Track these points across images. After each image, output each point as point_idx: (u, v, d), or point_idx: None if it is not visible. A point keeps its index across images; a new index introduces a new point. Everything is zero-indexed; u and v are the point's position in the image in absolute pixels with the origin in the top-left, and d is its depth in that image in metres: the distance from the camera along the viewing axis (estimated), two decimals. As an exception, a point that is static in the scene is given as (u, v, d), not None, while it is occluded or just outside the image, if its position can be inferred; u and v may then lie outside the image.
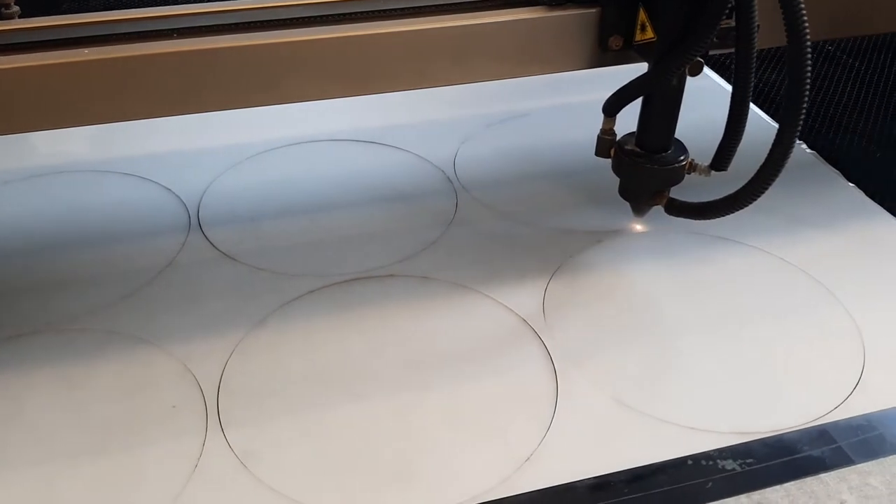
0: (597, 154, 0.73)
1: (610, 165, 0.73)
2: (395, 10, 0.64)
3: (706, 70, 0.96)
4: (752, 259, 0.76)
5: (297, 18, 0.61)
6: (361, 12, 0.63)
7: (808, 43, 0.58)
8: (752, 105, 0.99)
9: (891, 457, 0.59)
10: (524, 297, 0.71)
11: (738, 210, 0.67)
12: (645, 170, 0.70)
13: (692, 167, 0.70)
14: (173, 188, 0.83)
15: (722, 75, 1.05)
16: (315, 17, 0.62)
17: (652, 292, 0.73)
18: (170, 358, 0.65)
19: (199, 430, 0.59)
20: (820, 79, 1.07)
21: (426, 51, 0.64)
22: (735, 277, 0.74)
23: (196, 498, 0.55)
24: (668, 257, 0.76)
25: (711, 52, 0.64)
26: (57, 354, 0.65)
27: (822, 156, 0.90)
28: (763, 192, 0.65)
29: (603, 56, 0.68)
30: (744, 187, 0.65)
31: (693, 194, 0.71)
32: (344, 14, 0.63)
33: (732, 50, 0.63)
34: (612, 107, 0.70)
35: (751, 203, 0.66)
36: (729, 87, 0.67)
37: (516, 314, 0.70)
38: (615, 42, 0.67)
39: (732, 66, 0.64)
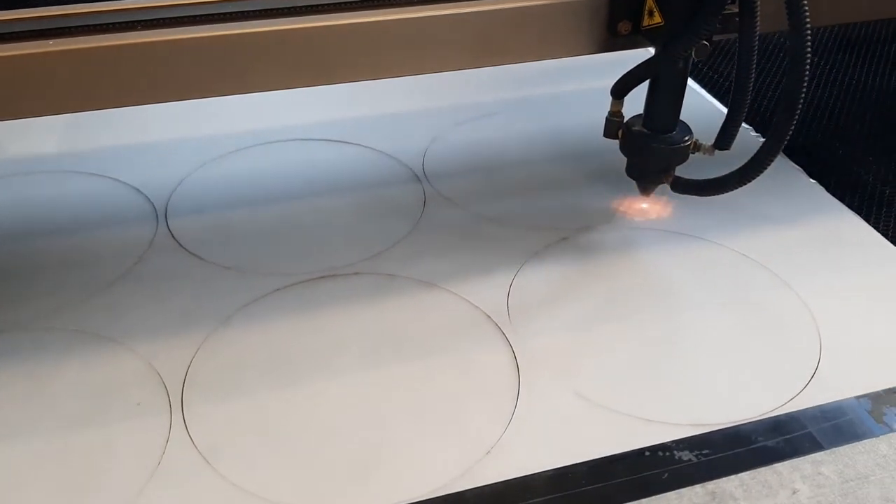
0: (605, 135, 0.77)
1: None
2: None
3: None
4: (712, 254, 0.77)
5: (260, 10, 0.62)
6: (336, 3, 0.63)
7: (809, 27, 0.62)
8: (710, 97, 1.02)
9: (843, 446, 0.60)
10: (489, 294, 0.72)
11: (741, 185, 0.71)
12: (652, 149, 0.74)
13: (696, 147, 0.74)
14: (142, 188, 0.84)
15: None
16: (280, 9, 0.62)
17: (614, 288, 0.74)
18: (135, 356, 0.65)
19: (163, 426, 0.60)
20: (781, 78, 1.08)
21: (429, 37, 0.66)
22: (695, 272, 0.76)
23: (158, 494, 0.55)
24: (631, 254, 0.77)
25: (716, 37, 0.67)
26: (23, 353, 0.66)
27: (784, 153, 0.92)
28: (766, 168, 0.68)
29: (612, 41, 0.70)
30: (744, 165, 0.69)
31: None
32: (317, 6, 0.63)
33: (735, 35, 0.67)
34: (620, 89, 0.73)
35: (754, 178, 0.70)
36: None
37: (481, 310, 0.71)
38: (624, 27, 0.69)
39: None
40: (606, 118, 0.76)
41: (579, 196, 0.85)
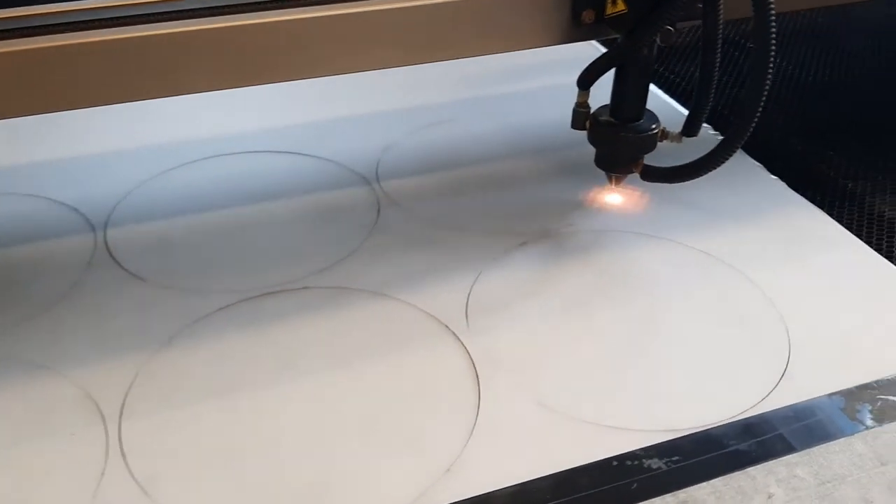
0: (573, 126, 0.76)
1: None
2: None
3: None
4: (675, 254, 0.75)
5: (193, 10, 0.59)
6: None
7: (773, 12, 0.62)
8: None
9: (818, 447, 0.57)
10: (446, 303, 0.69)
11: (714, 168, 0.70)
12: (620, 138, 0.73)
13: (664, 135, 0.74)
14: (79, 207, 0.80)
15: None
16: (209, 8, 0.59)
17: (575, 292, 0.71)
18: (70, 384, 0.61)
19: (99, 457, 0.56)
20: (743, 76, 1.07)
21: (382, 31, 0.63)
22: (658, 273, 0.73)
23: (92, 530, 0.51)
24: (591, 256, 0.75)
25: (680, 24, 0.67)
26: (-50, 384, 0.61)
27: (744, 150, 0.90)
28: (738, 146, 0.68)
29: (576, 31, 0.69)
30: (713, 150, 0.69)
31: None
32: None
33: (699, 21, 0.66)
34: (586, 80, 0.73)
35: (723, 163, 0.69)
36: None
37: (438, 320, 0.67)
38: (588, 16, 0.68)
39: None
40: (574, 109, 0.75)
41: (539, 200, 0.82)
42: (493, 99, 1.00)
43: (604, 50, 0.76)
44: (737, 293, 0.71)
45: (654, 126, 0.74)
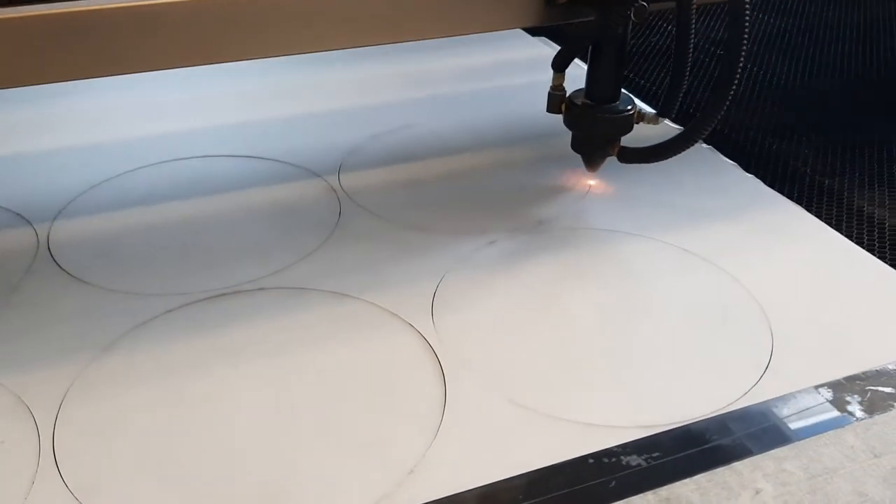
0: (548, 110, 0.74)
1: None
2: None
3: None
4: (651, 250, 0.72)
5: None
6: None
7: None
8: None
9: (807, 440, 0.54)
10: (412, 302, 0.65)
11: (691, 144, 0.70)
12: (597, 119, 0.72)
13: (640, 116, 0.73)
14: (23, 213, 0.75)
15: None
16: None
17: (547, 289, 0.67)
18: (3, 389, 0.56)
19: (30, 466, 0.51)
20: (714, 80, 1.06)
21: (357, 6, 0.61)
22: (634, 269, 0.70)
23: (16, 545, 0.46)
24: (564, 253, 0.71)
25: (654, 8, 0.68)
26: None
27: (718, 150, 0.88)
28: (708, 130, 0.68)
29: (550, 11, 0.68)
30: (690, 125, 0.69)
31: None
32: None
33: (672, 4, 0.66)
34: (561, 62, 0.72)
35: (695, 142, 0.69)
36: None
37: (402, 319, 0.63)
38: None
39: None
40: (549, 93, 0.74)
41: (507, 197, 0.79)
42: (456, 99, 0.97)
43: (557, 48, 0.75)
44: (717, 288, 0.68)
45: (630, 107, 0.73)
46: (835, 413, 0.56)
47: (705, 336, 0.63)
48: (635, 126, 0.74)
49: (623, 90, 0.74)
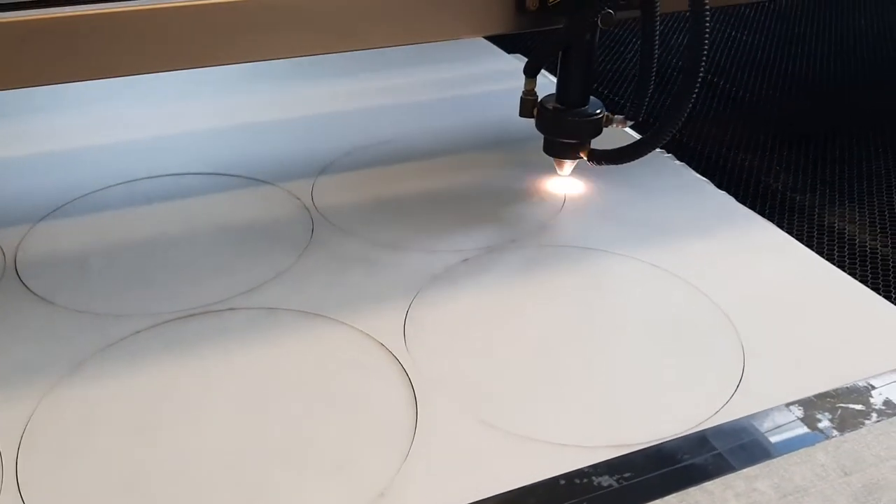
0: (521, 115, 0.77)
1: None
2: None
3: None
4: (623, 267, 0.72)
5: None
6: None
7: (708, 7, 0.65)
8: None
9: (778, 458, 0.54)
10: (383, 321, 0.65)
11: (657, 145, 0.72)
12: (568, 123, 0.75)
13: (609, 120, 0.76)
14: (-11, 233, 0.74)
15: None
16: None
17: (519, 307, 0.67)
18: (-37, 416, 0.55)
19: (-10, 494, 0.50)
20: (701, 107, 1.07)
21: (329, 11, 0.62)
22: (606, 286, 0.70)
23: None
24: (536, 271, 0.71)
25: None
26: None
27: (690, 166, 0.88)
28: (673, 130, 0.70)
29: (521, 19, 0.70)
30: (655, 128, 0.71)
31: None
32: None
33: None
34: (533, 67, 0.76)
35: (663, 141, 0.72)
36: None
37: (373, 339, 0.63)
38: (532, 3, 0.70)
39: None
40: (521, 97, 0.76)
41: (480, 215, 0.79)
42: (431, 115, 0.97)
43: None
44: (688, 305, 0.68)
45: (598, 111, 0.75)
46: (806, 431, 0.56)
47: (677, 353, 0.63)
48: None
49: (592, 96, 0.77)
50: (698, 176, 0.86)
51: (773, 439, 0.55)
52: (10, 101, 0.98)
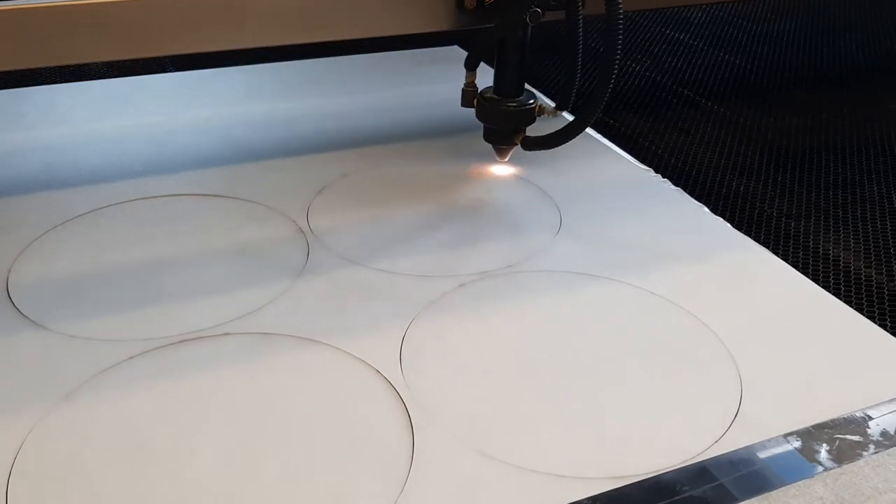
0: (462, 104, 0.86)
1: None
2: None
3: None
4: (619, 293, 0.72)
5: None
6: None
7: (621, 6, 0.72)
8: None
9: (776, 490, 0.54)
10: (379, 348, 0.64)
11: (582, 130, 0.79)
12: (504, 111, 0.83)
13: (541, 109, 0.85)
14: (-19, 254, 0.73)
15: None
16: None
17: (516, 335, 0.67)
18: (-47, 443, 0.55)
19: (-21, 526, 0.49)
20: (682, 122, 1.07)
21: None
22: (603, 313, 0.70)
23: None
24: (532, 298, 0.71)
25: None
26: None
27: (686, 191, 0.89)
28: (594, 117, 0.77)
29: (461, 16, 0.79)
30: (576, 117, 0.78)
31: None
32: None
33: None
34: (472, 61, 0.84)
35: (584, 128, 0.79)
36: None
37: (370, 366, 0.63)
38: (469, 2, 0.79)
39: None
40: (462, 89, 0.85)
41: (477, 240, 0.79)
42: (428, 138, 0.97)
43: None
44: (685, 333, 0.68)
45: (532, 101, 0.84)
46: (803, 462, 0.56)
47: (675, 382, 0.63)
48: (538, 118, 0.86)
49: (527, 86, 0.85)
50: (694, 201, 0.87)
51: (772, 471, 0.55)
52: (3, 123, 0.98)
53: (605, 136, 1.00)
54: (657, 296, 0.71)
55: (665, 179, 0.91)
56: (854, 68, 1.28)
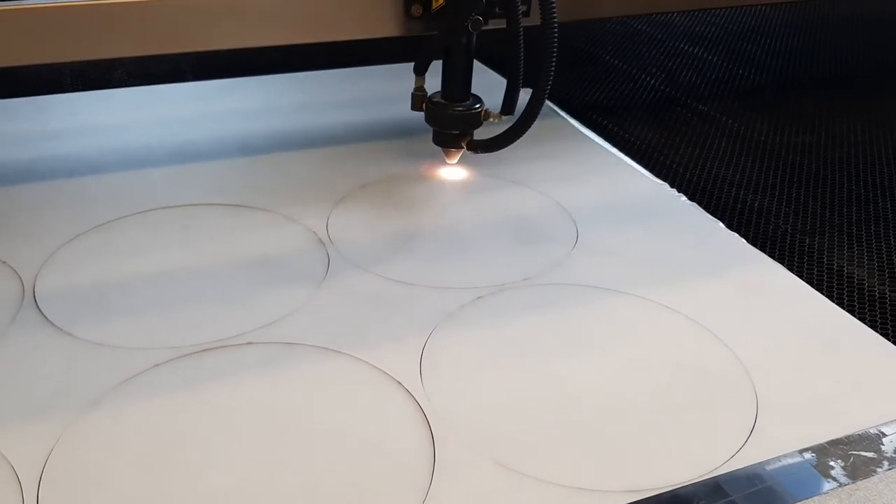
0: (412, 108, 0.89)
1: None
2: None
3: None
4: (635, 308, 0.73)
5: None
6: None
7: (556, 17, 0.76)
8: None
9: (790, 507, 0.54)
10: (399, 359, 0.65)
11: (521, 134, 0.83)
12: (451, 115, 0.86)
13: (487, 114, 0.87)
14: (8, 260, 0.75)
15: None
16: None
17: (534, 348, 0.68)
18: (-16, 449, 0.56)
19: (12, 530, 0.50)
20: (697, 136, 1.08)
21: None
22: (619, 328, 0.71)
23: None
24: (550, 310, 0.72)
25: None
26: None
27: (700, 206, 0.89)
28: (532, 122, 0.81)
29: (409, 23, 0.84)
30: (518, 121, 0.82)
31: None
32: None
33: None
34: (420, 66, 0.87)
35: (526, 131, 0.82)
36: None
37: (390, 377, 0.64)
38: (416, 10, 0.83)
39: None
40: (412, 93, 0.87)
41: (494, 251, 0.80)
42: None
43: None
44: (701, 348, 0.68)
45: (478, 105, 0.86)
46: (818, 478, 0.57)
47: (691, 397, 0.63)
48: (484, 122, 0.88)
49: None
50: (709, 216, 0.87)
51: (786, 486, 0.56)
52: (26, 131, 0.99)
53: (620, 150, 1.01)
54: (673, 310, 0.72)
55: (680, 194, 0.91)
56: (868, 85, 1.29)
